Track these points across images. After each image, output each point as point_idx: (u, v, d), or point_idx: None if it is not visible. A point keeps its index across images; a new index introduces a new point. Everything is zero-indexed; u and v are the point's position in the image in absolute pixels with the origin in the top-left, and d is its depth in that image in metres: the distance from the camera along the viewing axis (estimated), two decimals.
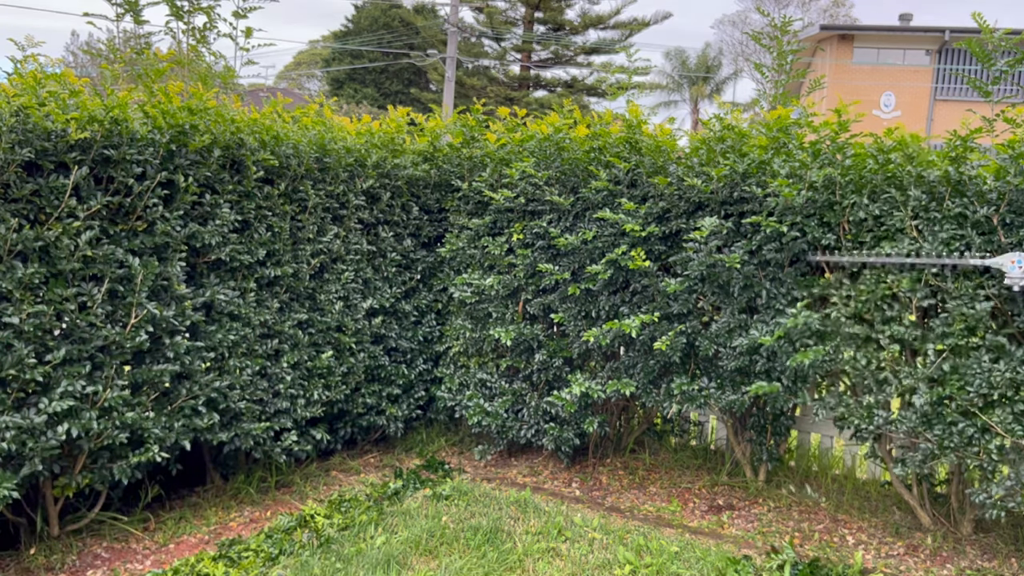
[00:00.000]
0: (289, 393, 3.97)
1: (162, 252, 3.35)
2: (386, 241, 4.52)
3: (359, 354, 4.39)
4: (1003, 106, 3.37)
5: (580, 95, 30.95)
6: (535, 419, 4.48)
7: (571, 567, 3.25)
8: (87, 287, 3.07)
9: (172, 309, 3.33)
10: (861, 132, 3.63)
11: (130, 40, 3.97)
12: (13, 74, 3.08)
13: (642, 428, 4.69)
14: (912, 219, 3.41)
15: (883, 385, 3.52)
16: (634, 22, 30.83)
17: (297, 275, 3.98)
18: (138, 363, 3.31)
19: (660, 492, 4.21)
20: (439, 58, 28.58)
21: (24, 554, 3.20)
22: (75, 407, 3.01)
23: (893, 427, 3.51)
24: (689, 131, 4.86)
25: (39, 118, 2.93)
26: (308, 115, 4.29)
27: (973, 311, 3.21)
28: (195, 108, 3.46)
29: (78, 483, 3.16)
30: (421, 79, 36.32)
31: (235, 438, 3.70)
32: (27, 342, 2.90)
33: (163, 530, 3.53)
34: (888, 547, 3.59)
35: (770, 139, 3.78)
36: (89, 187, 3.06)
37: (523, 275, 4.41)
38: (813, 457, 4.42)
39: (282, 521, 3.60)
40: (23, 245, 2.86)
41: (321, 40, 39.19)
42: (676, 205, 3.99)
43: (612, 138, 4.21)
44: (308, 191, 3.99)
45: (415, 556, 3.32)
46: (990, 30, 3.45)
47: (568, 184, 4.36)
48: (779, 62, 4.16)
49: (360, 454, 4.71)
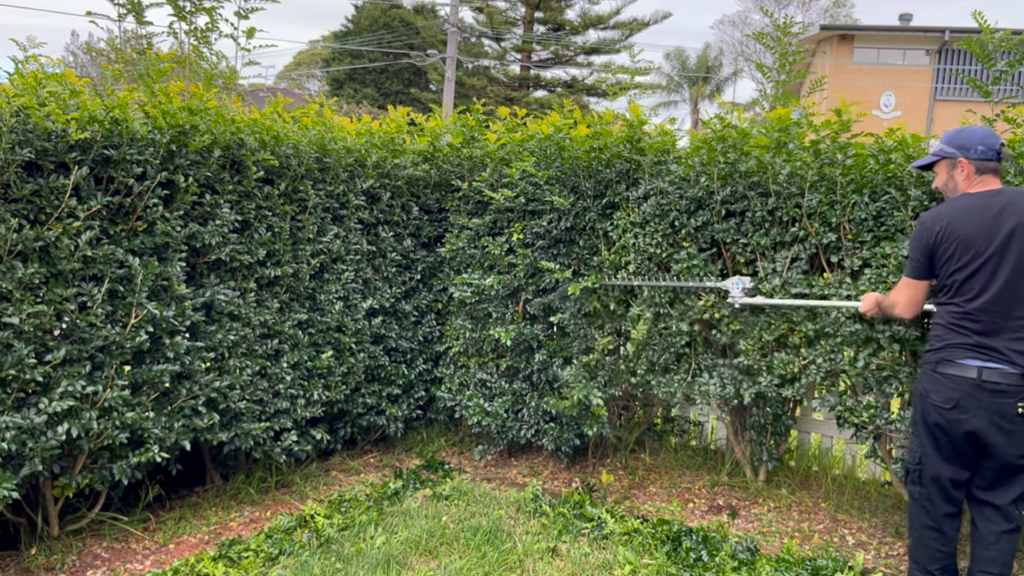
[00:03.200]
0: (289, 393, 3.97)
1: (162, 252, 3.35)
2: (386, 241, 4.52)
3: (359, 354, 4.39)
4: (1003, 106, 3.37)
5: (580, 95, 30.95)
6: (535, 419, 4.48)
7: (571, 567, 3.25)
8: (87, 287, 3.07)
9: (172, 309, 3.33)
10: (862, 132, 3.63)
11: (131, 40, 3.97)
12: (14, 74, 3.08)
13: (642, 428, 4.69)
14: (912, 219, 3.41)
15: (883, 385, 3.52)
16: (634, 22, 30.83)
17: (297, 275, 3.98)
18: (138, 363, 3.31)
19: (660, 492, 4.21)
20: (439, 58, 28.58)
21: (24, 554, 3.20)
22: (75, 407, 3.01)
23: (893, 427, 3.51)
24: (690, 130, 4.85)
25: (39, 118, 2.93)
26: (308, 115, 4.29)
27: None
28: (195, 108, 3.46)
29: (78, 483, 3.16)
30: (421, 79, 36.32)
31: (235, 438, 3.70)
32: (27, 342, 2.90)
33: (163, 530, 3.53)
34: (888, 547, 3.59)
35: (771, 139, 3.78)
36: (89, 187, 3.06)
37: (523, 275, 4.41)
38: (813, 457, 4.42)
39: (282, 521, 3.60)
40: (23, 245, 2.86)
41: (321, 40, 39.20)
42: (676, 204, 4.00)
43: (613, 137, 4.22)
44: (308, 191, 3.99)
45: (415, 556, 3.32)
46: (990, 30, 3.45)
47: (568, 184, 4.36)
48: (780, 62, 4.15)
49: (360, 454, 4.71)
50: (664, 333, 4.06)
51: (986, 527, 2.71)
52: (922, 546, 2.83)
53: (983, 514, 2.74)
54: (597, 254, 4.29)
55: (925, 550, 2.82)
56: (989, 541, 2.70)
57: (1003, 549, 2.68)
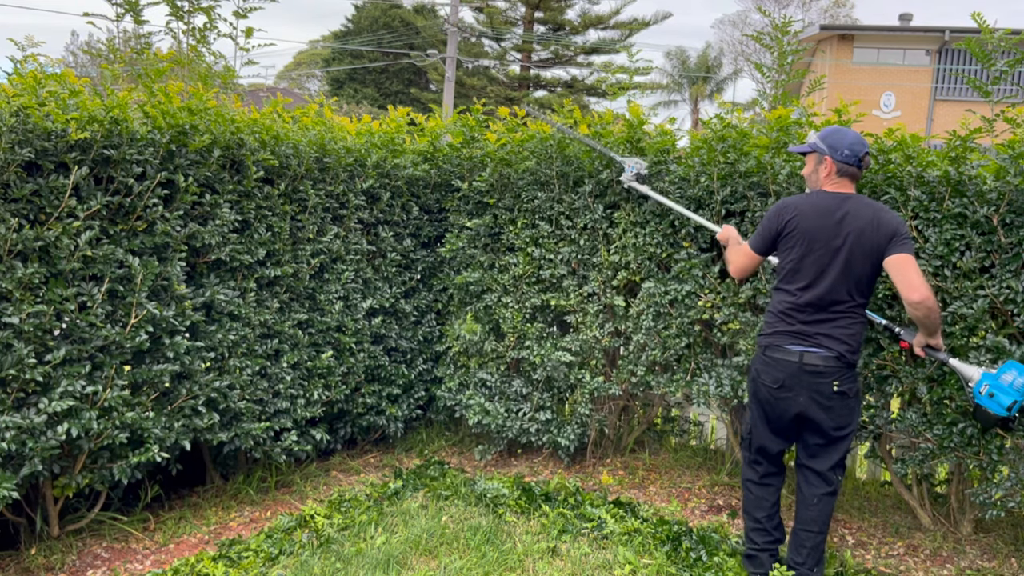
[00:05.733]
0: (289, 393, 3.97)
1: (162, 252, 3.35)
2: (386, 241, 4.52)
3: (359, 354, 4.38)
4: (1003, 106, 3.37)
5: (580, 95, 30.95)
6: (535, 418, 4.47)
7: (571, 567, 3.25)
8: (87, 287, 3.07)
9: (172, 309, 3.33)
10: (862, 132, 3.62)
11: (130, 40, 3.97)
12: (13, 74, 3.08)
13: (642, 428, 4.69)
14: (912, 219, 3.41)
15: (883, 385, 3.52)
16: (634, 22, 30.83)
17: (297, 275, 3.98)
18: (138, 363, 3.31)
19: (660, 492, 4.21)
20: (439, 58, 28.57)
21: (24, 554, 3.20)
22: (75, 407, 3.01)
23: (893, 427, 3.52)
24: (690, 130, 4.85)
25: (39, 118, 2.93)
26: (308, 115, 4.28)
27: (972, 311, 3.21)
28: (195, 108, 3.45)
29: (78, 483, 3.16)
30: (421, 79, 36.31)
31: (235, 438, 3.70)
32: (27, 342, 2.90)
33: (163, 530, 3.53)
34: (888, 547, 3.59)
35: (771, 139, 3.78)
36: (89, 187, 3.06)
37: (523, 274, 4.41)
38: None
39: (282, 521, 3.60)
40: (23, 245, 2.86)
41: (321, 40, 39.18)
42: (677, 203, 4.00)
43: (613, 138, 4.22)
44: (308, 191, 3.99)
45: (415, 556, 3.32)
46: (990, 30, 3.45)
47: (569, 183, 4.36)
48: (779, 62, 4.15)
49: (360, 454, 4.70)
50: (664, 334, 4.06)
51: (808, 490, 3.06)
52: (752, 498, 3.23)
53: (807, 479, 3.07)
54: (596, 254, 4.28)
55: (753, 500, 3.23)
56: (811, 503, 3.03)
57: (822, 510, 3.03)
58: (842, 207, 2.90)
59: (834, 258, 2.88)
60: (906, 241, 2.83)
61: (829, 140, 2.98)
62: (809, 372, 2.90)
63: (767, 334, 3.05)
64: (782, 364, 2.96)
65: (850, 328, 2.91)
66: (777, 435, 3.11)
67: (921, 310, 2.78)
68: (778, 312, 3.02)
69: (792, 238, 2.96)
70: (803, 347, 2.92)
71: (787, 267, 2.99)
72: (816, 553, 3.03)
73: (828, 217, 2.90)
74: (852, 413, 2.97)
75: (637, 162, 3.97)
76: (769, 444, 3.14)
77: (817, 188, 3.03)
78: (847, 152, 2.94)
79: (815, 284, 2.91)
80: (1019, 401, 2.89)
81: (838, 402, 2.91)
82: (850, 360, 2.91)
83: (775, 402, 3.01)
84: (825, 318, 2.91)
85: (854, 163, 2.95)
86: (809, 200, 2.98)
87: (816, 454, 3.04)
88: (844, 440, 2.99)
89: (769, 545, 3.18)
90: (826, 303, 2.90)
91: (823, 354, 2.89)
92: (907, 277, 2.77)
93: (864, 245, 2.85)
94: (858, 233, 2.85)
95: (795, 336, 2.95)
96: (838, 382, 2.89)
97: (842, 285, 2.88)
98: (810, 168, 3.08)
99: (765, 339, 3.06)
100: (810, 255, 2.91)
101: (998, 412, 2.90)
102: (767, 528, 3.18)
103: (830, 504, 3.04)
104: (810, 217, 2.93)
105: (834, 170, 2.96)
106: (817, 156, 3.03)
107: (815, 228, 2.91)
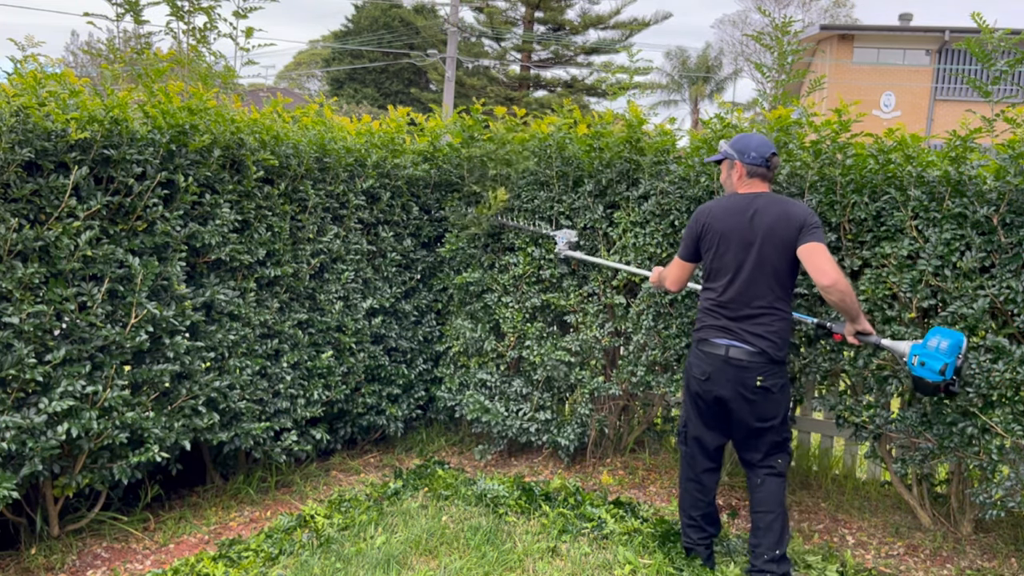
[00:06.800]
0: (289, 393, 3.97)
1: (162, 252, 3.35)
2: (386, 241, 4.52)
3: (359, 354, 4.38)
4: (1003, 106, 3.37)
5: (580, 95, 30.94)
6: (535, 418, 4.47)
7: (571, 567, 3.25)
8: (87, 287, 3.07)
9: (172, 309, 3.33)
10: (862, 132, 3.62)
11: (130, 40, 3.97)
12: (13, 74, 3.08)
13: (642, 428, 4.69)
14: (912, 219, 3.41)
15: (883, 385, 3.52)
16: (634, 22, 30.82)
17: (297, 275, 3.98)
18: (138, 363, 3.31)
19: (660, 492, 4.21)
20: (439, 58, 28.57)
21: (24, 554, 3.20)
22: (75, 407, 3.01)
23: (893, 427, 3.51)
24: (690, 130, 4.85)
25: (39, 118, 2.93)
26: (308, 115, 4.28)
27: (972, 311, 3.21)
28: (195, 108, 3.45)
29: (78, 483, 3.16)
30: (421, 79, 36.31)
31: (235, 438, 3.70)
32: (27, 342, 2.90)
33: (163, 530, 3.53)
34: (888, 547, 3.59)
35: (771, 139, 3.78)
36: (89, 187, 3.06)
37: (523, 273, 4.41)
38: (813, 457, 4.42)
39: (282, 521, 3.60)
40: (23, 245, 2.86)
41: (321, 40, 39.18)
42: (677, 204, 4.00)
43: (613, 138, 4.22)
44: (308, 191, 3.99)
45: (415, 556, 3.32)
46: (990, 30, 3.45)
47: (569, 183, 4.36)
48: (779, 62, 4.15)
49: (360, 454, 4.71)
50: (664, 334, 4.06)
51: (752, 474, 3.17)
52: (687, 496, 3.33)
53: (747, 466, 3.20)
54: (597, 254, 4.29)
55: (689, 499, 3.32)
56: (757, 483, 3.14)
57: (770, 490, 3.10)
58: (752, 205, 3.04)
59: (748, 254, 3.00)
60: (815, 230, 2.93)
61: (737, 146, 3.15)
62: (734, 366, 3.01)
63: (698, 329, 3.19)
64: (711, 357, 3.08)
65: (773, 325, 3.00)
66: (710, 428, 3.21)
67: (834, 294, 2.89)
68: (705, 309, 3.16)
69: (709, 240, 3.12)
70: (729, 341, 3.04)
71: (709, 267, 3.15)
72: (772, 534, 3.06)
73: (740, 216, 3.04)
74: (778, 406, 3.07)
75: (567, 232, 4.22)
76: (704, 437, 3.24)
77: (729, 193, 3.19)
78: (754, 155, 3.10)
79: (735, 280, 3.03)
80: (949, 363, 2.96)
81: (761, 396, 3.01)
82: (774, 356, 3.00)
83: (703, 393, 3.13)
84: (748, 315, 3.02)
85: (762, 164, 3.10)
86: (721, 203, 3.15)
87: (745, 446, 3.16)
88: (771, 431, 3.08)
89: (704, 540, 3.31)
90: (748, 299, 3.01)
91: (748, 349, 3.00)
92: (817, 263, 2.88)
93: (776, 239, 2.96)
94: (769, 228, 2.97)
95: (721, 331, 3.07)
96: (762, 377, 2.99)
97: (760, 280, 2.99)
98: (724, 174, 3.26)
99: (697, 334, 3.19)
100: (727, 253, 3.05)
101: (933, 378, 2.99)
102: (701, 525, 3.32)
103: (777, 484, 3.12)
104: (723, 218, 3.09)
105: (744, 173, 3.13)
106: (728, 162, 3.20)
107: (729, 228, 3.06)
